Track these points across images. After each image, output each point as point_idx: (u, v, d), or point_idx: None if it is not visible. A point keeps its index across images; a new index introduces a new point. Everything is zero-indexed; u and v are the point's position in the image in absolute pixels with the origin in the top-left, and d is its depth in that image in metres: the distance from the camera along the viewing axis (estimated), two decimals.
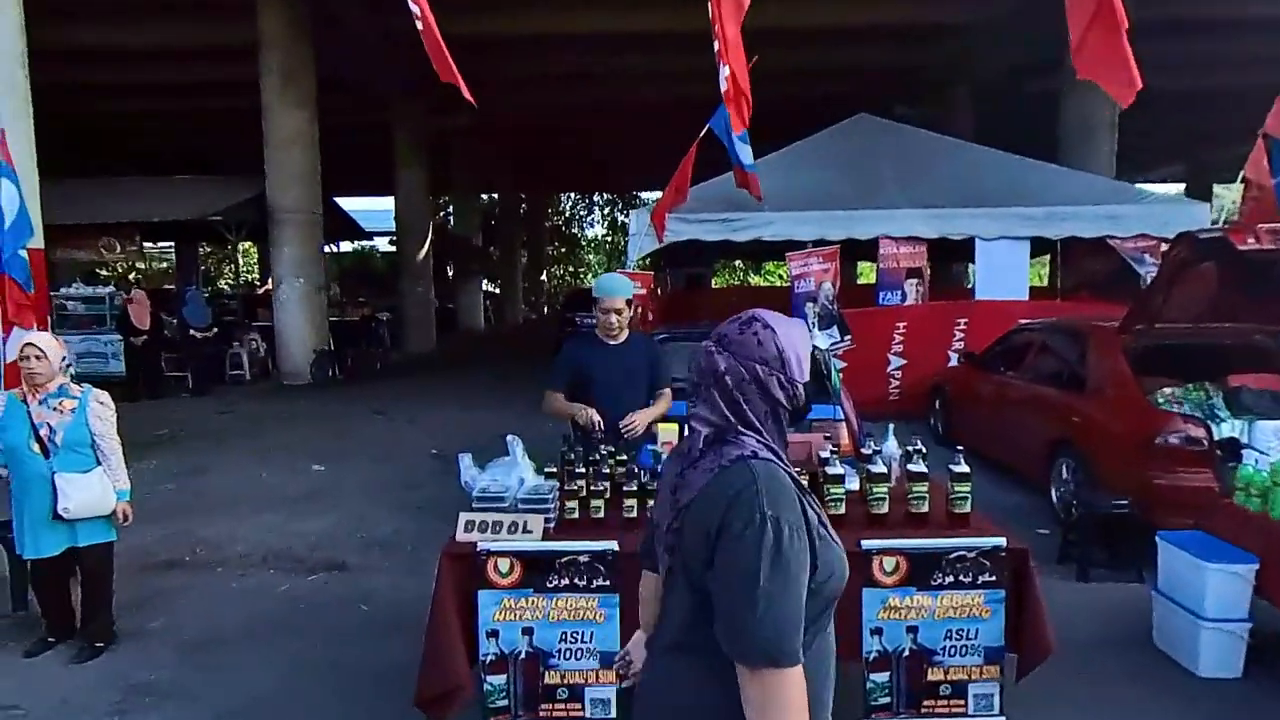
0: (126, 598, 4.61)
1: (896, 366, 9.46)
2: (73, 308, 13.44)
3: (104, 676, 3.71)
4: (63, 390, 3.80)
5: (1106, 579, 4.83)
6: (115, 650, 3.97)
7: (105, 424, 3.83)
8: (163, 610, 4.49)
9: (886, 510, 2.92)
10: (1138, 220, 9.06)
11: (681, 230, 9.44)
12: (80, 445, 3.75)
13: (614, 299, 3.75)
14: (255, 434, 9.41)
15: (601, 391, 3.78)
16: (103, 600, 3.96)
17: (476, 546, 2.77)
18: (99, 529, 3.81)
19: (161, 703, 3.49)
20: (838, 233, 9.33)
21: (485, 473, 3.08)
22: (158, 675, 3.73)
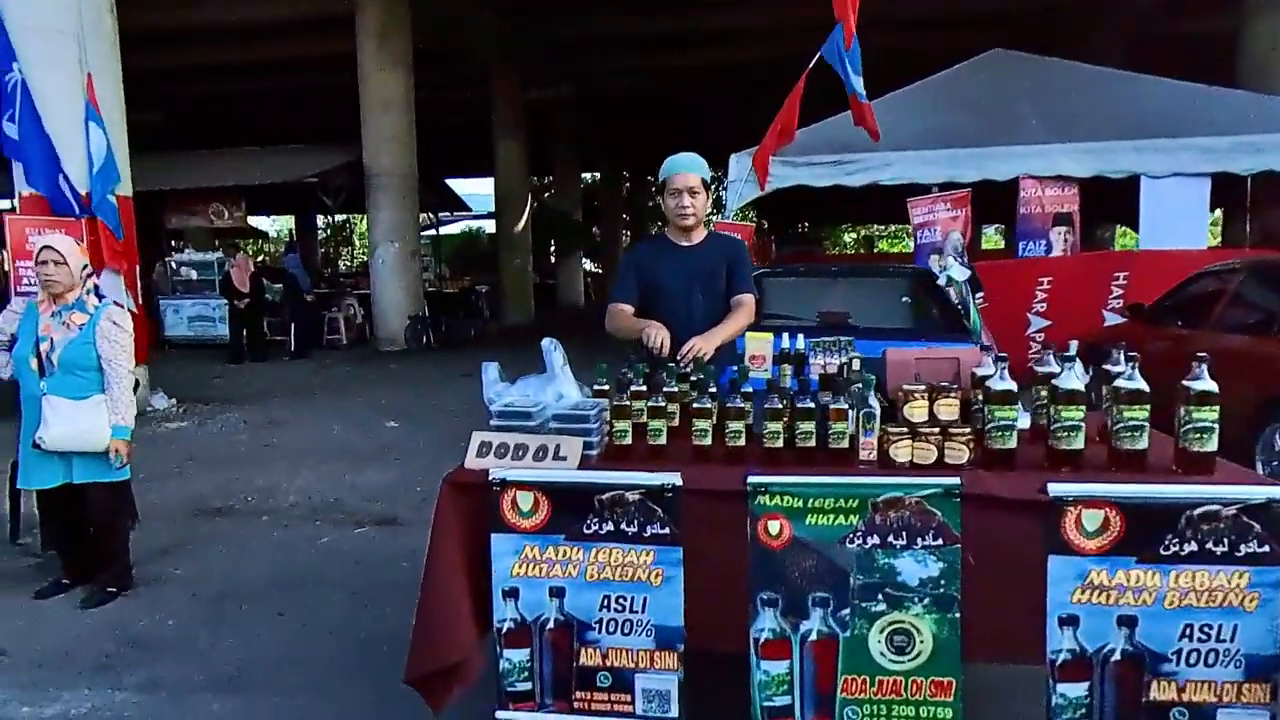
0: (162, 542, 4.25)
1: (1039, 328, 8.14)
2: (185, 273, 13.84)
3: (105, 625, 3.26)
4: (79, 304, 3.35)
5: None
6: (129, 597, 3.54)
7: (114, 347, 3.35)
8: (193, 558, 4.06)
9: (1081, 445, 1.97)
10: None
11: (786, 175, 8.46)
12: (80, 368, 3.29)
13: (686, 175, 2.91)
14: (340, 393, 9.21)
15: (669, 304, 2.97)
16: (112, 544, 3.52)
17: (489, 474, 2.03)
18: (96, 466, 3.34)
19: (152, 659, 2.98)
20: (969, 173, 8.09)
21: (514, 386, 2.35)
22: (161, 628, 3.25)
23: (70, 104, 7.12)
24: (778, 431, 2.07)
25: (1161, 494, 1.81)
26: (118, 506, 3.48)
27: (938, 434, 2.02)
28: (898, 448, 2.02)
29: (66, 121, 7.10)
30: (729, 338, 2.86)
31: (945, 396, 2.03)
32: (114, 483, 3.40)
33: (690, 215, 2.95)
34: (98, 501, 3.37)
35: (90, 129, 7.19)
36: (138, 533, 4.39)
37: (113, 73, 7.63)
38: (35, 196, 7.27)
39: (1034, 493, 1.85)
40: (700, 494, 1.95)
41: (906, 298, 4.64)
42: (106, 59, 7.53)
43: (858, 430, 2.04)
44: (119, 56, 7.74)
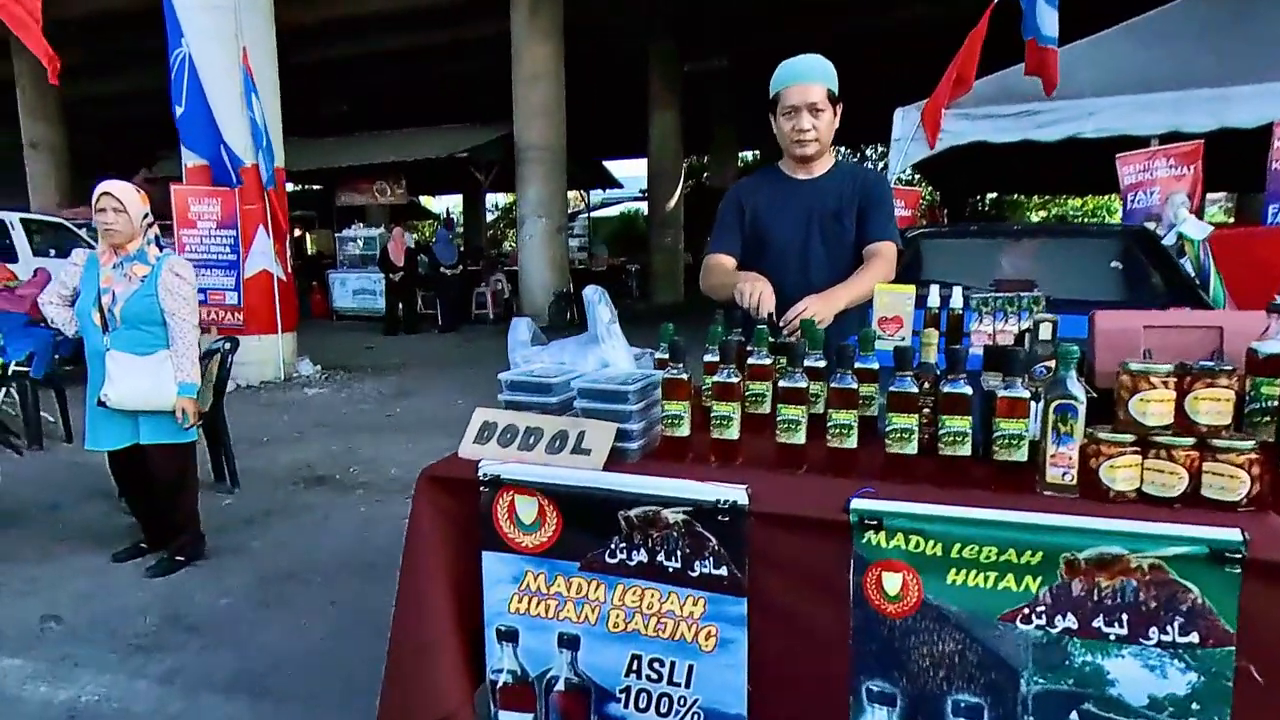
0: (253, 510, 4.10)
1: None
2: (350, 248, 14.53)
3: (160, 598, 3.05)
4: (141, 254, 3.13)
5: None
6: (198, 568, 3.34)
7: (177, 299, 3.11)
8: (277, 529, 3.84)
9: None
10: None
11: (963, 130, 7.27)
12: (144, 321, 3.07)
13: (805, 87, 2.17)
14: (474, 366, 9.15)
15: (778, 255, 2.26)
16: (179, 511, 3.32)
17: (479, 469, 1.45)
18: (163, 427, 3.11)
19: (189, 643, 2.71)
20: (1202, 120, 6.52)
21: (548, 349, 1.76)
22: (213, 608, 2.99)
23: (228, 77, 7.35)
24: (908, 431, 1.34)
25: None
26: (185, 469, 3.27)
27: (1192, 449, 1.21)
28: (1116, 468, 1.23)
29: (223, 94, 7.34)
30: (857, 299, 2.09)
31: (1209, 384, 1.20)
32: (180, 444, 3.19)
33: (812, 141, 2.21)
34: (161, 464, 3.16)
35: (253, 102, 7.40)
36: (235, 498, 4.33)
37: (267, 47, 7.83)
38: (199, 167, 7.62)
39: None
40: (777, 520, 1.26)
41: (1117, 263, 3.57)
42: (261, 33, 7.72)
43: (1045, 435, 1.26)
44: (274, 30, 7.93)
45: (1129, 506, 1.23)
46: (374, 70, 18.55)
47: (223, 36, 7.31)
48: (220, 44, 7.31)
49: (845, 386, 1.38)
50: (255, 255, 7.64)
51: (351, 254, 14.49)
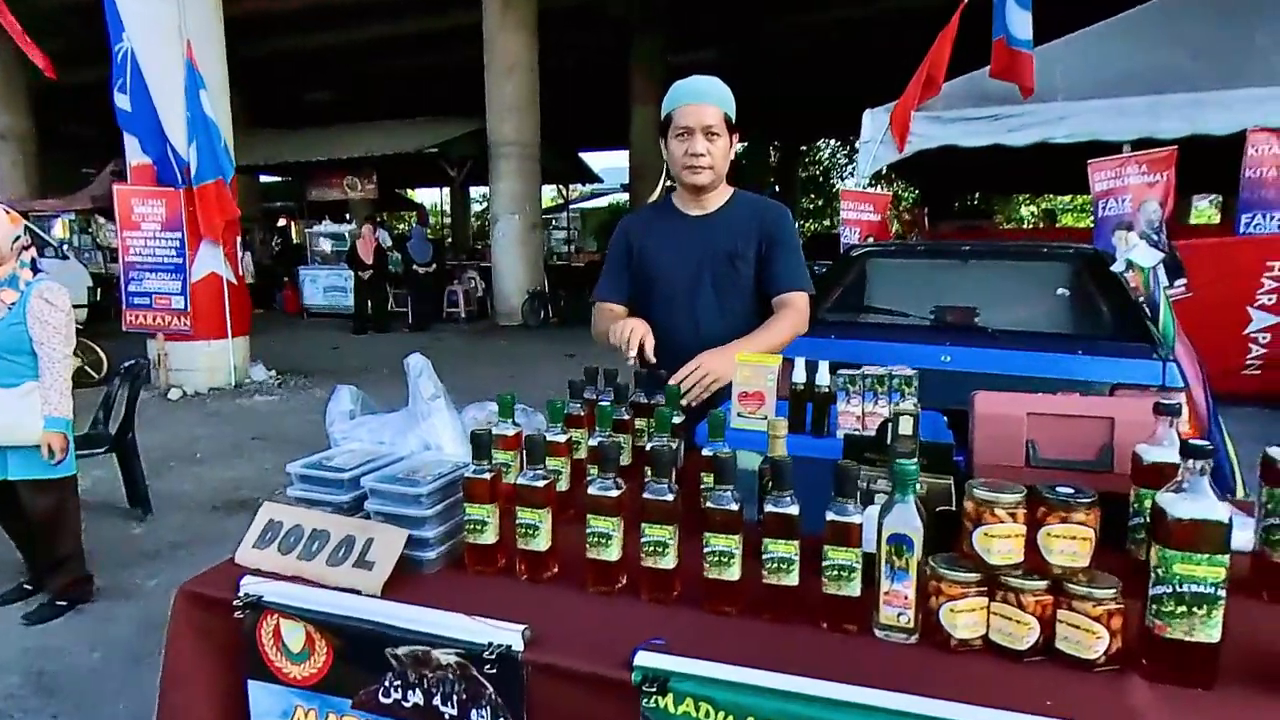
0: (159, 543, 3.89)
1: (1263, 326, 6.34)
2: (321, 245, 14.26)
3: (29, 651, 2.85)
4: (11, 280, 2.91)
5: None
6: (80, 613, 3.14)
7: (46, 328, 2.88)
8: (179, 564, 3.64)
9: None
10: None
11: (932, 134, 7.07)
12: (10, 351, 2.85)
13: (700, 108, 1.96)
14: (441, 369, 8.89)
15: (665, 301, 2.06)
16: (57, 551, 3.11)
17: (239, 585, 1.25)
18: (33, 461, 2.89)
19: (43, 708, 2.50)
20: (1175, 126, 6.36)
21: (368, 422, 1.55)
22: (83, 663, 2.78)
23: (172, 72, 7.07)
24: (728, 555, 1.14)
25: None
26: (61, 505, 3.05)
27: (1045, 593, 1.01)
28: (957, 612, 1.03)
29: (168, 90, 7.06)
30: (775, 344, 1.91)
31: (1063, 518, 1.00)
32: (53, 480, 2.97)
33: (705, 169, 2.00)
34: (33, 500, 2.95)
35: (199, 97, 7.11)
36: (145, 527, 4.11)
37: (215, 39, 7.55)
38: (143, 166, 7.35)
39: None
40: (555, 671, 1.06)
41: (1064, 289, 3.38)
42: (208, 25, 7.44)
43: (879, 568, 1.07)
44: (221, 22, 7.65)
45: (972, 659, 1.03)
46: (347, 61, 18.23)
47: (165, 29, 7.04)
48: (163, 37, 7.04)
49: (659, 498, 1.17)
50: (203, 258, 7.39)
51: (323, 250, 14.23)
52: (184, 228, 7.19)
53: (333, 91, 21.03)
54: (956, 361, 2.94)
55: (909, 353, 3.06)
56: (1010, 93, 6.72)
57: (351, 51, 17.76)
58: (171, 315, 7.32)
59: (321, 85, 20.92)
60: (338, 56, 17.74)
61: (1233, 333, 6.39)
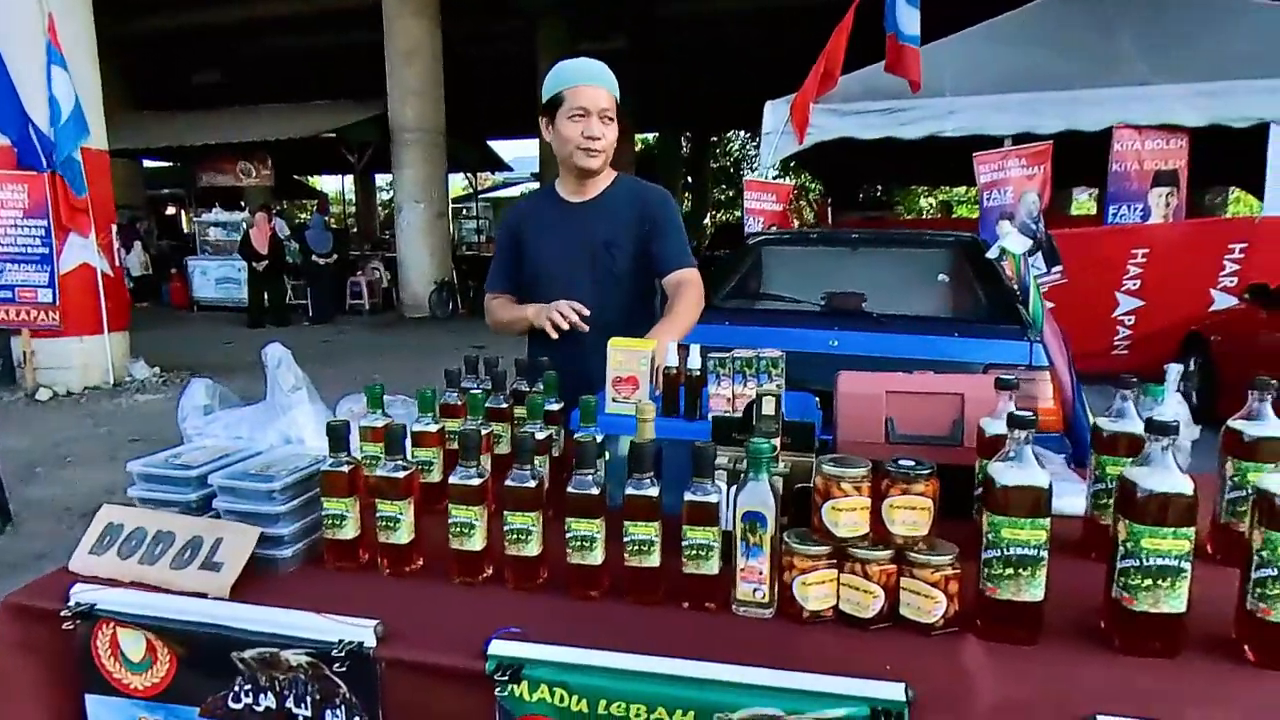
0: (19, 555, 3.62)
1: (1128, 309, 6.82)
2: (213, 234, 13.52)
3: None
4: None
5: None
6: None
7: None
8: None
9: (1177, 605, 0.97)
10: None
11: (830, 126, 7.28)
12: None
13: (595, 89, 1.94)
14: (340, 364, 8.60)
15: (544, 287, 2.05)
16: None
17: (69, 594, 1.16)
18: None
19: None
20: (1051, 122, 6.75)
21: (223, 417, 1.47)
22: None
23: (32, 49, 6.52)
24: (589, 539, 1.13)
25: None
26: None
27: (889, 563, 1.05)
28: (808, 585, 1.06)
29: (28, 68, 6.51)
30: (683, 334, 1.89)
31: (904, 490, 1.04)
32: None
33: (600, 151, 1.97)
34: None
35: (54, 73, 6.60)
36: (5, 538, 3.81)
37: (81, 14, 7.01)
38: (4, 148, 6.76)
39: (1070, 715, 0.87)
40: (410, 666, 1.03)
41: (944, 275, 3.55)
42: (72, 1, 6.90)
43: (734, 545, 1.09)
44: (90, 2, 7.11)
45: (823, 629, 1.07)
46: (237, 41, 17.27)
47: (24, 3, 6.48)
48: (22, 12, 6.48)
49: (520, 485, 1.16)
50: (72, 248, 6.87)
51: (214, 239, 13.47)
52: (50, 215, 6.66)
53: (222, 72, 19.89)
54: (843, 345, 3.04)
55: (799, 337, 3.15)
56: (904, 87, 6.98)
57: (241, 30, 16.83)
58: (38, 310, 6.78)
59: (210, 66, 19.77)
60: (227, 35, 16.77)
61: (1103, 315, 6.85)
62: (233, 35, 16.86)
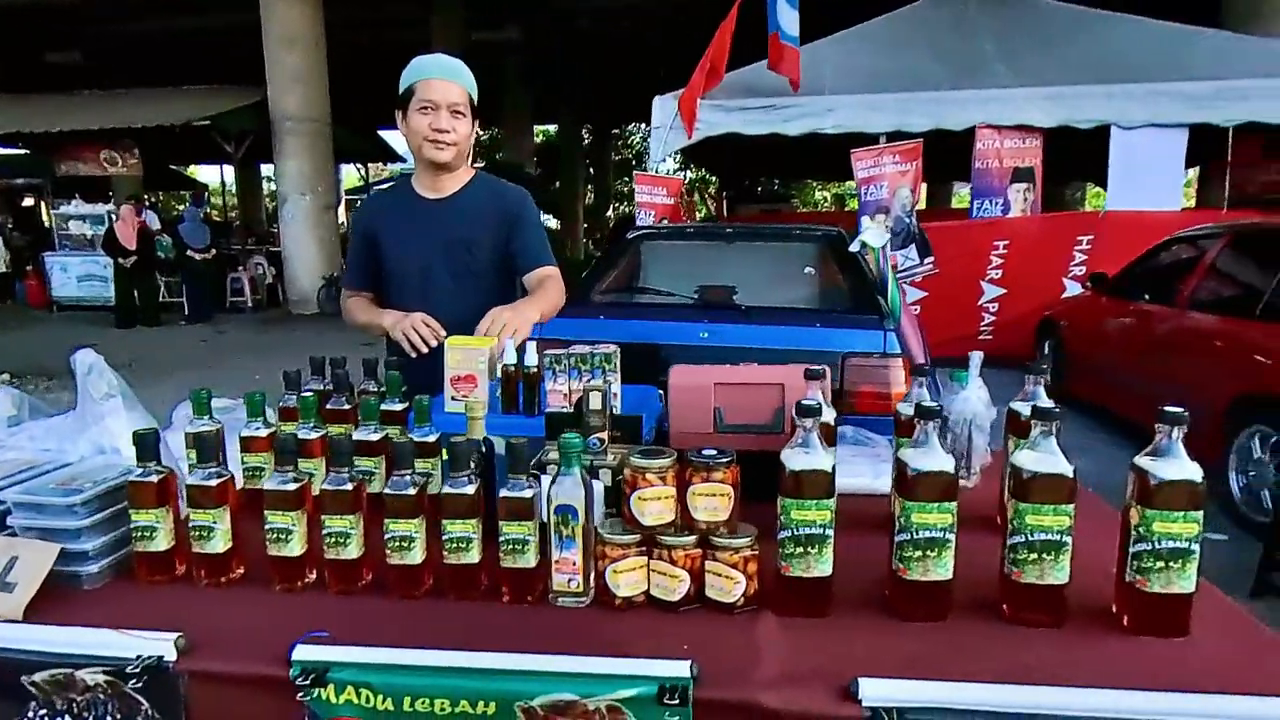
0: None
1: (992, 297, 7.30)
2: (74, 227, 12.54)
3: None
4: None
5: None
6: None
7: None
8: None
9: (943, 573, 1.06)
10: None
11: (717, 122, 7.43)
12: None
13: (446, 84, 1.94)
14: (221, 364, 8.19)
15: (399, 285, 2.03)
16: None
17: None
18: None
19: None
20: (921, 121, 7.12)
21: (28, 430, 1.39)
22: None
23: None
24: (408, 539, 1.14)
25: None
26: None
27: (694, 548, 1.11)
28: (619, 573, 1.11)
29: None
30: (549, 313, 1.96)
31: (705, 477, 1.10)
32: None
33: (450, 145, 1.96)
34: None
35: None
36: None
37: None
38: None
39: (834, 691, 0.94)
40: (214, 679, 1.01)
41: (810, 268, 3.71)
42: None
43: (548, 536, 1.12)
44: None
45: (634, 614, 1.11)
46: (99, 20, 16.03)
47: None
48: None
49: (338, 489, 1.15)
50: None
51: (76, 233, 12.49)
52: None
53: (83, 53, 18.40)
54: (713, 337, 3.13)
55: (672, 330, 3.23)
56: (787, 85, 7.21)
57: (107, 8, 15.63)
58: None
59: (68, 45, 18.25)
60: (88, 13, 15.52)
61: (970, 303, 7.31)
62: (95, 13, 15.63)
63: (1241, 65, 6.91)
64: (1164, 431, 1.02)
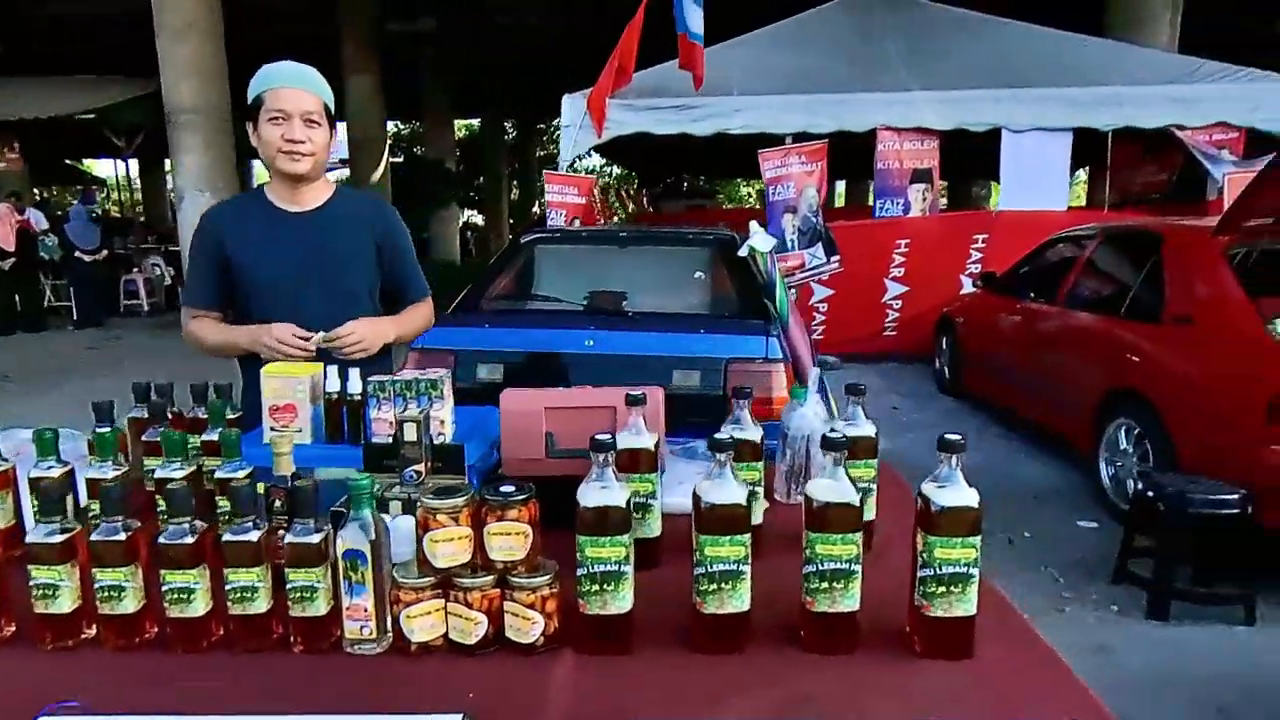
0: None
1: (895, 295, 7.52)
2: None
3: None
4: None
5: (1200, 619, 3.01)
6: None
7: None
8: None
9: (738, 605, 1.06)
10: (1216, 104, 6.92)
11: (626, 121, 7.42)
12: None
13: (298, 92, 1.87)
14: (113, 372, 7.73)
15: (265, 301, 1.94)
16: None
17: None
18: None
19: None
20: (825, 123, 7.27)
21: None
22: None
23: None
24: (186, 590, 1.08)
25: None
26: None
27: (492, 588, 1.08)
28: (413, 618, 1.07)
29: None
30: (407, 337, 2.06)
31: (499, 516, 1.07)
32: None
33: (307, 155, 1.89)
34: None
35: None
36: None
37: None
38: None
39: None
40: None
41: (701, 273, 3.72)
42: None
43: (338, 580, 1.07)
44: None
45: (430, 659, 1.08)
46: None
47: None
48: None
49: (108, 539, 1.08)
50: None
51: None
52: None
53: None
54: (599, 345, 3.11)
55: (558, 338, 3.19)
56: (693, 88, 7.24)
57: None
58: None
59: None
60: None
61: (875, 301, 7.51)
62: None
63: (1120, 72, 7.30)
64: (945, 459, 1.04)
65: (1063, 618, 3.09)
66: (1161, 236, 4.13)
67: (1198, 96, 6.96)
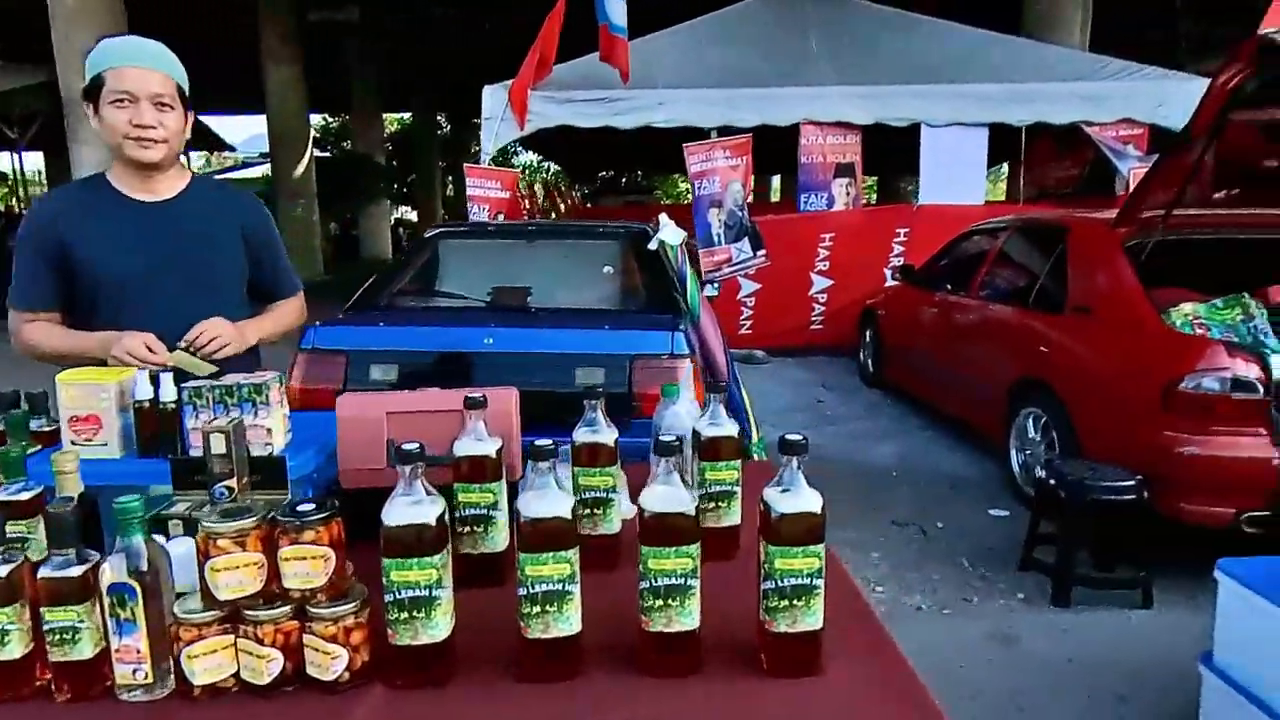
0: None
1: (821, 288, 7.57)
2: None
3: None
4: None
5: (1100, 604, 3.06)
6: None
7: None
8: None
9: (566, 628, 0.96)
10: (1123, 101, 7.15)
11: (549, 113, 7.26)
12: None
13: (146, 71, 1.69)
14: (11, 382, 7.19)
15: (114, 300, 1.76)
16: None
17: None
18: None
19: None
20: (749, 117, 7.25)
21: None
22: None
23: None
24: None
25: None
26: None
27: (288, 621, 0.95)
28: (195, 657, 0.93)
29: None
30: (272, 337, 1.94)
31: (293, 540, 0.94)
32: None
33: (159, 142, 1.72)
34: None
35: None
36: None
37: None
38: None
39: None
40: None
41: (609, 268, 3.62)
42: None
43: (108, 618, 0.93)
44: None
45: (219, 704, 0.95)
46: None
47: None
48: None
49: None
50: None
51: None
52: None
53: None
54: (499, 343, 2.97)
55: (455, 336, 3.05)
56: (619, 77, 7.13)
57: None
58: None
59: None
60: None
61: (801, 294, 7.55)
62: None
63: (1033, 70, 7.48)
64: (786, 462, 0.96)
65: (971, 608, 3.10)
66: (1067, 228, 4.20)
67: (1105, 94, 7.18)
